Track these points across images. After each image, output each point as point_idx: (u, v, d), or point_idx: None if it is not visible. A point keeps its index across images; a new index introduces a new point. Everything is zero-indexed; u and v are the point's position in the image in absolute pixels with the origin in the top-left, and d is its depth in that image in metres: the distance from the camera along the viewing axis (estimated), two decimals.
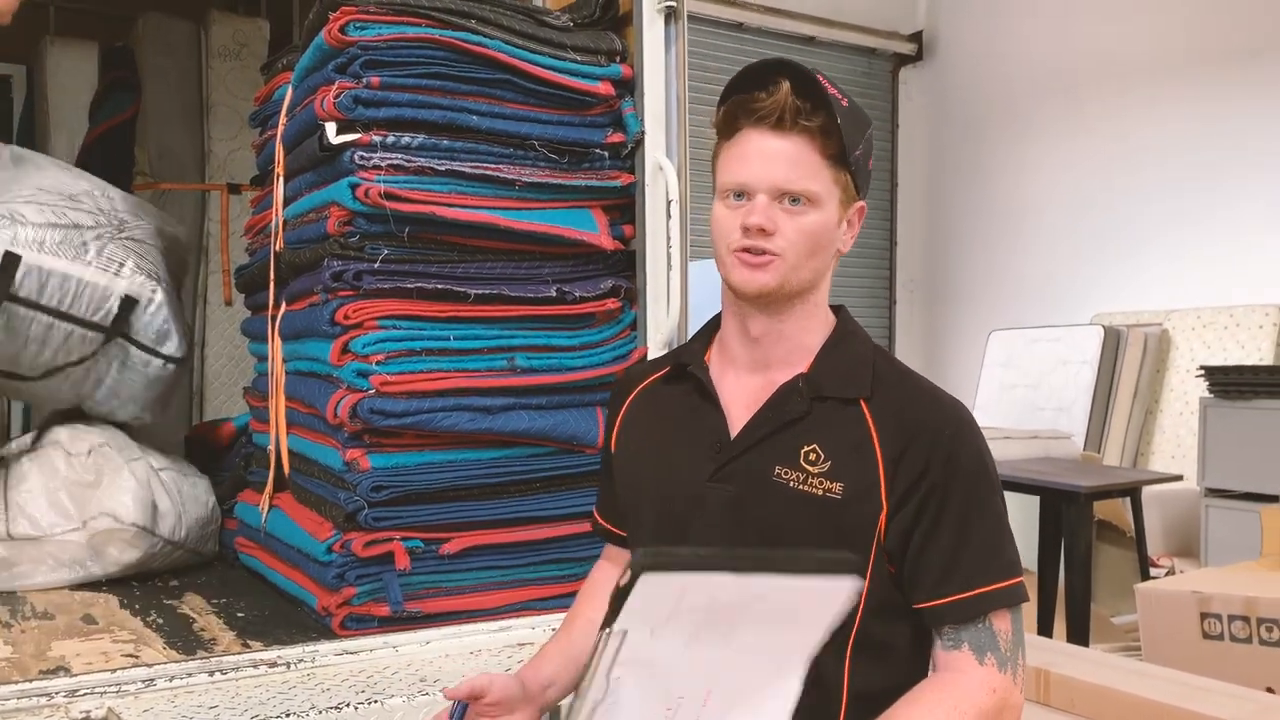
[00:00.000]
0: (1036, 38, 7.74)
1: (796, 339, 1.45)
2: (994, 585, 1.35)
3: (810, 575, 1.09)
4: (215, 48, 4.73)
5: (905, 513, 1.36)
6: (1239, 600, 2.88)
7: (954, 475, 1.36)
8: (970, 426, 1.41)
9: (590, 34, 2.59)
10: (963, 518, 1.36)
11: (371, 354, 2.32)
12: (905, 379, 1.46)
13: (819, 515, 1.36)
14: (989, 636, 1.34)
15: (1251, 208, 6.42)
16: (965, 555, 1.35)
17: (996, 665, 1.34)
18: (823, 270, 1.44)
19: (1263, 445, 4.77)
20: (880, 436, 1.38)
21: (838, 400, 1.41)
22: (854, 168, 1.42)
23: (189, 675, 2.00)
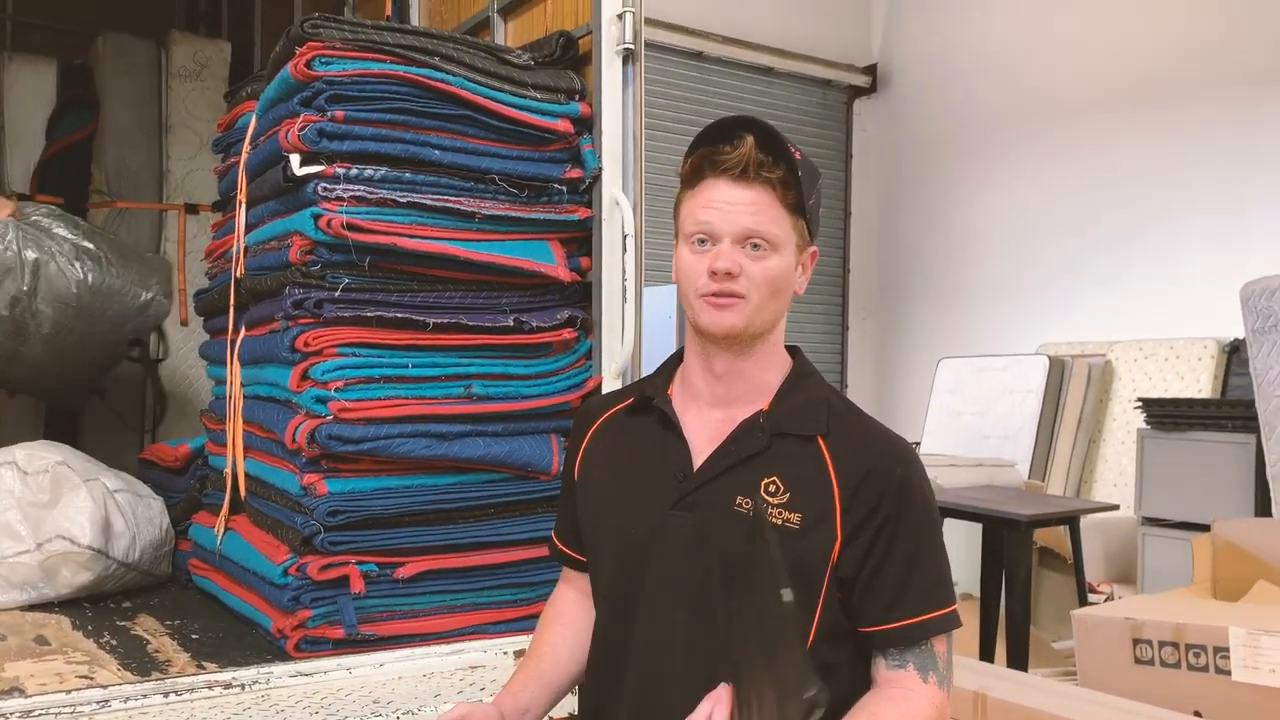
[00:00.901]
0: (987, 72, 7.93)
1: (757, 377, 1.52)
2: (938, 612, 1.46)
3: None
4: (175, 68, 4.75)
5: (859, 543, 1.44)
6: (1169, 627, 2.97)
7: (905, 509, 1.45)
8: (917, 465, 1.50)
9: (550, 73, 2.67)
10: (912, 549, 1.45)
11: (331, 381, 2.36)
12: (858, 418, 1.53)
13: (777, 544, 1.40)
14: (931, 658, 1.46)
15: (1193, 243, 6.62)
16: (913, 584, 1.45)
17: (938, 683, 1.46)
18: (781, 312, 1.52)
19: (1197, 476, 4.93)
20: (836, 471, 1.45)
21: (797, 436, 1.48)
22: (809, 216, 1.51)
23: (144, 696, 2.02)
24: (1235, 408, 4.93)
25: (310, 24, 2.42)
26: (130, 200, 4.54)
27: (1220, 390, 6.18)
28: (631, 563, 1.53)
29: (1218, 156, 6.52)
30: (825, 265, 8.74)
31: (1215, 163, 6.53)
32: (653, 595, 1.50)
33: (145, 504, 2.99)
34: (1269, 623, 2.79)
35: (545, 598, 2.58)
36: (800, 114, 8.66)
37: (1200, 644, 2.92)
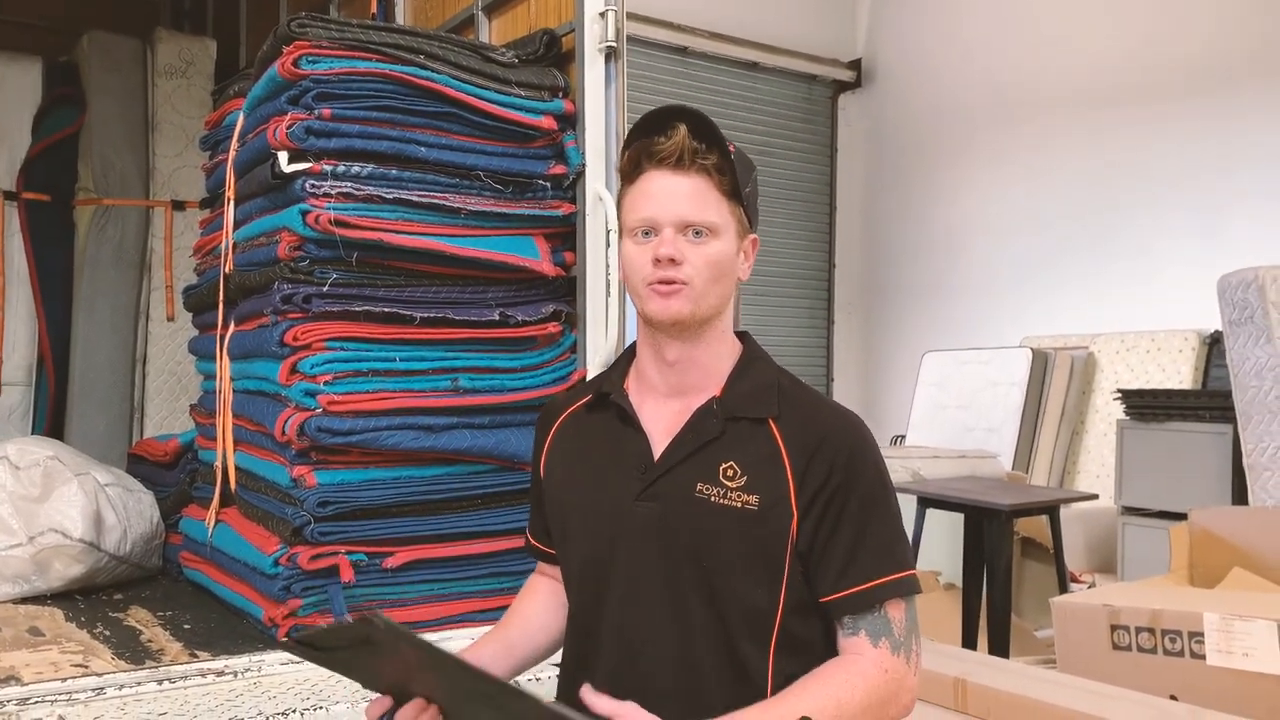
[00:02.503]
0: (971, 67, 7.98)
1: (708, 364, 1.54)
2: (888, 577, 1.46)
3: None
4: (161, 65, 4.76)
5: (811, 517, 1.46)
6: (1145, 613, 3.02)
7: (853, 481, 1.47)
8: (866, 438, 1.53)
9: (534, 70, 2.71)
10: (860, 519, 1.46)
11: (319, 374, 2.40)
12: (807, 398, 1.56)
13: (739, 526, 1.46)
14: (884, 623, 1.46)
15: (1174, 236, 6.67)
16: (862, 552, 1.46)
17: (890, 648, 1.45)
18: (727, 297, 1.54)
19: (1175, 466, 4.99)
20: (788, 451, 1.48)
21: (749, 420, 1.51)
22: (746, 203, 1.54)
23: (138, 684, 2.05)
24: (1213, 398, 4.99)
25: (297, 23, 2.45)
26: (117, 197, 4.55)
27: (1201, 381, 6.24)
28: (599, 556, 1.55)
29: (1198, 150, 6.58)
30: (810, 259, 8.79)
31: (1195, 156, 6.59)
32: (621, 587, 1.53)
33: (136, 497, 3.02)
34: (1243, 608, 2.84)
35: None
36: (785, 109, 8.69)
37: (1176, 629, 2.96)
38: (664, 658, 1.49)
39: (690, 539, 1.48)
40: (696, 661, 1.47)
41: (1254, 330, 4.31)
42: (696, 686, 1.47)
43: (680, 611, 1.48)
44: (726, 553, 1.46)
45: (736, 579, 1.47)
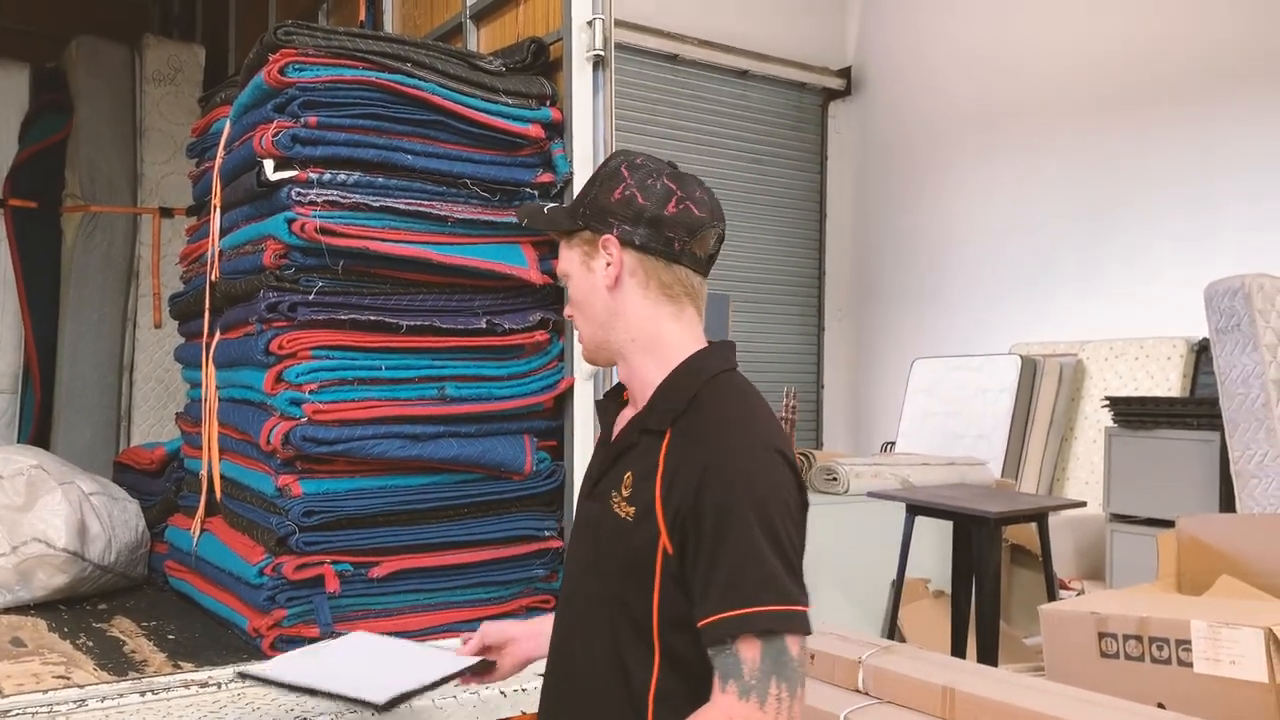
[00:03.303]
0: (960, 75, 8.00)
1: (643, 378, 1.58)
2: (734, 611, 1.37)
3: None
4: (149, 72, 4.75)
5: (675, 539, 1.44)
6: (1133, 620, 3.02)
7: (704, 504, 1.41)
8: (734, 460, 1.44)
9: (522, 78, 2.70)
10: (710, 547, 1.40)
11: (305, 383, 2.39)
12: (708, 412, 1.50)
13: (619, 535, 1.50)
14: (733, 664, 1.37)
15: (1163, 244, 6.70)
16: (713, 583, 1.39)
17: (737, 693, 1.36)
18: (602, 318, 1.58)
19: (1163, 473, 5.00)
20: (664, 466, 1.47)
21: (653, 432, 1.52)
22: (583, 221, 1.58)
23: (121, 696, 2.04)
24: (1200, 406, 5.00)
25: (284, 31, 2.45)
26: (104, 204, 4.54)
27: (1190, 388, 6.26)
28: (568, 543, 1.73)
29: (1186, 158, 6.61)
30: (801, 267, 8.80)
31: (1183, 163, 6.62)
32: (565, 585, 1.66)
33: (121, 507, 3.01)
34: (1230, 615, 2.84)
35: (519, 596, 2.64)
36: (775, 116, 8.71)
37: (1163, 637, 2.96)
38: (578, 649, 1.56)
39: (598, 540, 1.55)
40: (595, 668, 1.52)
41: (1241, 338, 4.33)
42: (592, 693, 1.52)
43: (591, 606, 1.54)
44: (613, 561, 1.51)
45: (620, 588, 1.49)
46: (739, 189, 8.38)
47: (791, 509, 1.45)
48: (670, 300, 1.56)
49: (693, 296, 1.58)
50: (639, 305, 1.55)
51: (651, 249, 1.53)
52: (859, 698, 2.52)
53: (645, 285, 1.55)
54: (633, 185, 1.54)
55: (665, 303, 1.55)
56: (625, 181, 1.55)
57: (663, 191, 1.54)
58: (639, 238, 1.53)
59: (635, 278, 1.55)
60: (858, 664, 2.56)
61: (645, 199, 1.53)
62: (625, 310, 1.56)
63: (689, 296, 1.57)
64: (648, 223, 1.53)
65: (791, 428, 6.43)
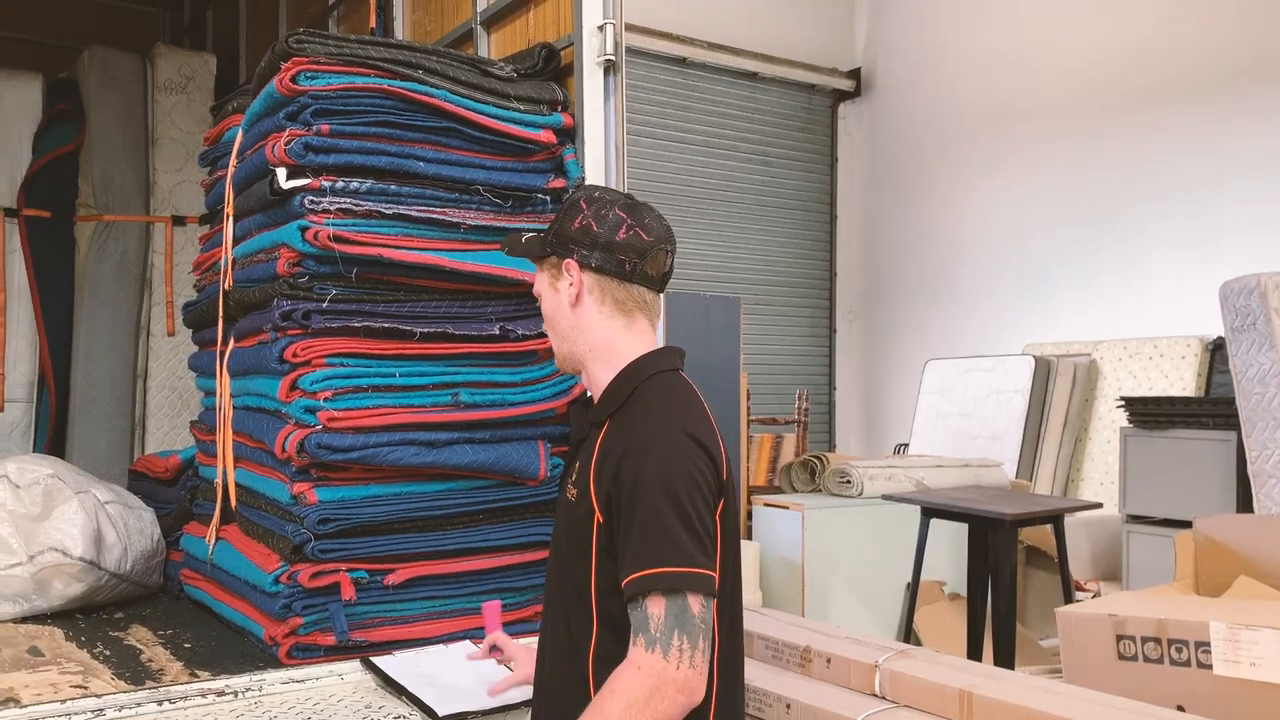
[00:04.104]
0: (970, 76, 7.98)
1: (600, 382, 1.79)
2: (643, 572, 1.56)
3: None
4: (161, 81, 4.77)
5: (606, 514, 1.65)
6: (1151, 622, 3.00)
7: (622, 482, 1.62)
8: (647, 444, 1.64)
9: (533, 84, 2.71)
10: (627, 519, 1.61)
11: (319, 391, 2.39)
12: (639, 405, 1.72)
13: (567, 515, 1.74)
14: (642, 618, 1.56)
15: (1176, 242, 6.67)
16: (627, 549, 1.60)
17: (645, 645, 1.55)
18: (566, 332, 1.80)
19: (1179, 473, 4.97)
20: (598, 451, 1.70)
21: (596, 425, 1.75)
22: (550, 249, 1.79)
23: (138, 705, 2.04)
24: (1216, 405, 4.97)
25: (295, 39, 2.45)
26: (117, 213, 4.56)
27: (1204, 388, 6.23)
28: None
29: (1199, 155, 6.58)
30: (811, 268, 8.79)
31: (1196, 162, 6.59)
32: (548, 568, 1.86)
33: (136, 515, 3.01)
34: (1249, 617, 2.82)
35: (534, 602, 2.63)
36: (785, 118, 8.70)
37: (1182, 639, 2.94)
38: (546, 633, 1.80)
39: (557, 529, 1.80)
40: (557, 637, 1.74)
41: (1256, 337, 4.30)
42: (555, 659, 1.74)
43: (552, 591, 1.80)
44: (565, 538, 1.74)
45: (570, 562, 1.71)
46: (749, 191, 8.38)
47: (700, 486, 1.63)
48: (624, 314, 1.78)
49: (645, 310, 1.80)
50: (595, 319, 1.78)
51: (606, 270, 1.76)
52: (875, 702, 2.51)
53: (601, 301, 1.77)
54: (589, 215, 1.77)
55: (619, 316, 1.78)
56: (583, 212, 1.77)
57: (615, 220, 1.76)
58: (595, 260, 1.76)
59: (593, 295, 1.77)
60: (874, 668, 2.55)
61: (599, 227, 1.76)
62: (584, 324, 1.78)
63: (641, 310, 1.79)
64: (602, 248, 1.75)
65: (804, 430, 6.42)
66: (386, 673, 2.25)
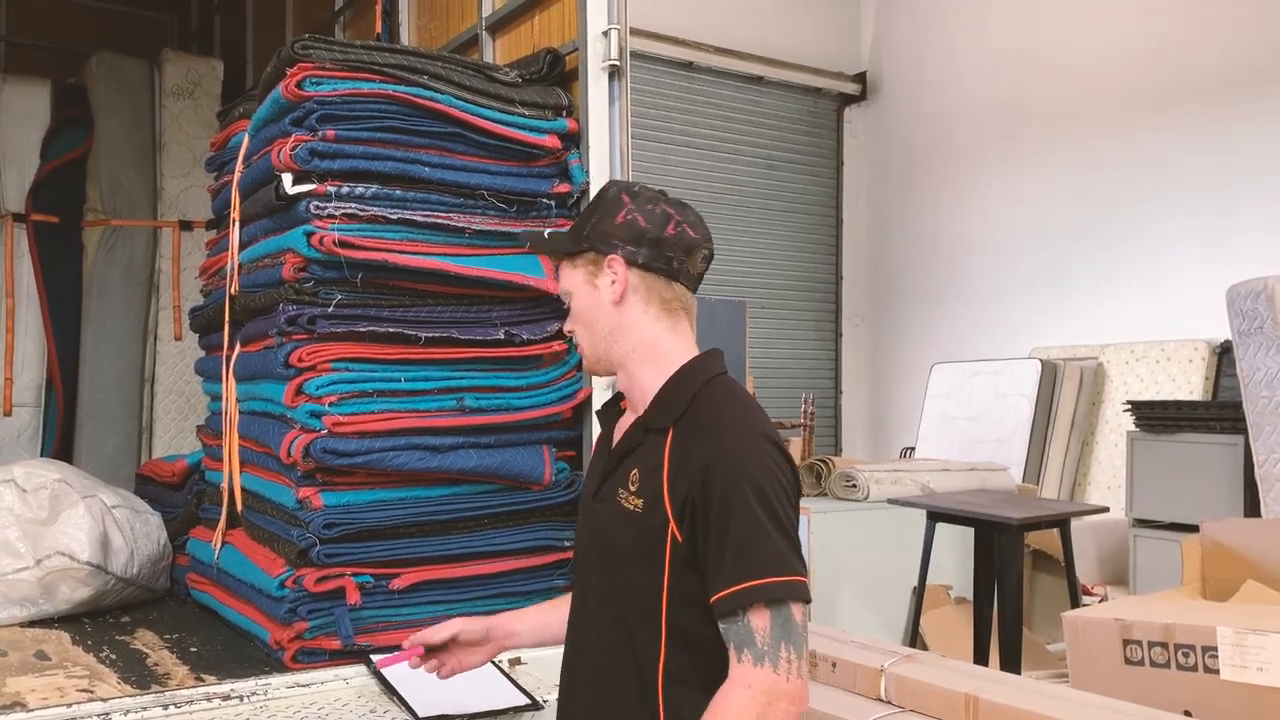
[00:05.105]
0: (975, 79, 7.98)
1: (642, 386, 1.70)
2: (744, 584, 1.49)
3: None
4: (168, 86, 4.79)
5: (684, 525, 1.57)
6: (1158, 627, 3.00)
7: (709, 491, 1.54)
8: (733, 450, 1.57)
9: (538, 89, 2.71)
10: (718, 529, 1.53)
11: (324, 395, 2.40)
12: (708, 410, 1.64)
13: (629, 526, 1.63)
14: (746, 633, 1.49)
15: (1183, 246, 6.66)
16: (722, 560, 1.52)
17: (752, 660, 1.48)
18: (606, 332, 1.70)
19: (1186, 478, 4.96)
20: (669, 458, 1.61)
21: (656, 431, 1.65)
22: (588, 244, 1.70)
23: (144, 709, 2.05)
24: (1223, 409, 4.96)
25: (301, 45, 2.46)
26: (125, 218, 4.57)
27: (1211, 391, 6.21)
28: (576, 548, 1.82)
29: (1205, 159, 6.57)
30: (817, 272, 8.79)
31: (1203, 165, 6.57)
32: (579, 580, 1.77)
33: (143, 519, 3.02)
34: (1256, 621, 2.81)
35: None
36: (791, 122, 8.71)
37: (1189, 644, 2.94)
38: (590, 644, 1.69)
39: (606, 537, 1.68)
40: (607, 653, 1.64)
41: (1264, 340, 4.29)
42: (607, 678, 1.64)
43: (600, 603, 1.68)
44: (624, 551, 1.63)
45: (631, 575, 1.62)
46: (755, 195, 8.38)
47: (786, 489, 1.58)
48: (669, 315, 1.70)
49: (688, 311, 1.73)
50: (641, 319, 1.69)
51: (654, 267, 1.68)
52: (881, 706, 2.51)
53: (647, 301, 1.69)
54: (635, 210, 1.68)
55: (665, 317, 1.70)
56: (627, 207, 1.69)
57: (662, 216, 1.68)
58: (642, 257, 1.67)
59: (638, 294, 1.68)
60: (880, 672, 2.55)
61: (647, 222, 1.67)
62: (628, 324, 1.69)
63: (685, 311, 1.72)
64: (650, 244, 1.67)
65: (810, 434, 6.42)
66: (380, 671, 2.25)
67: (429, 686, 2.12)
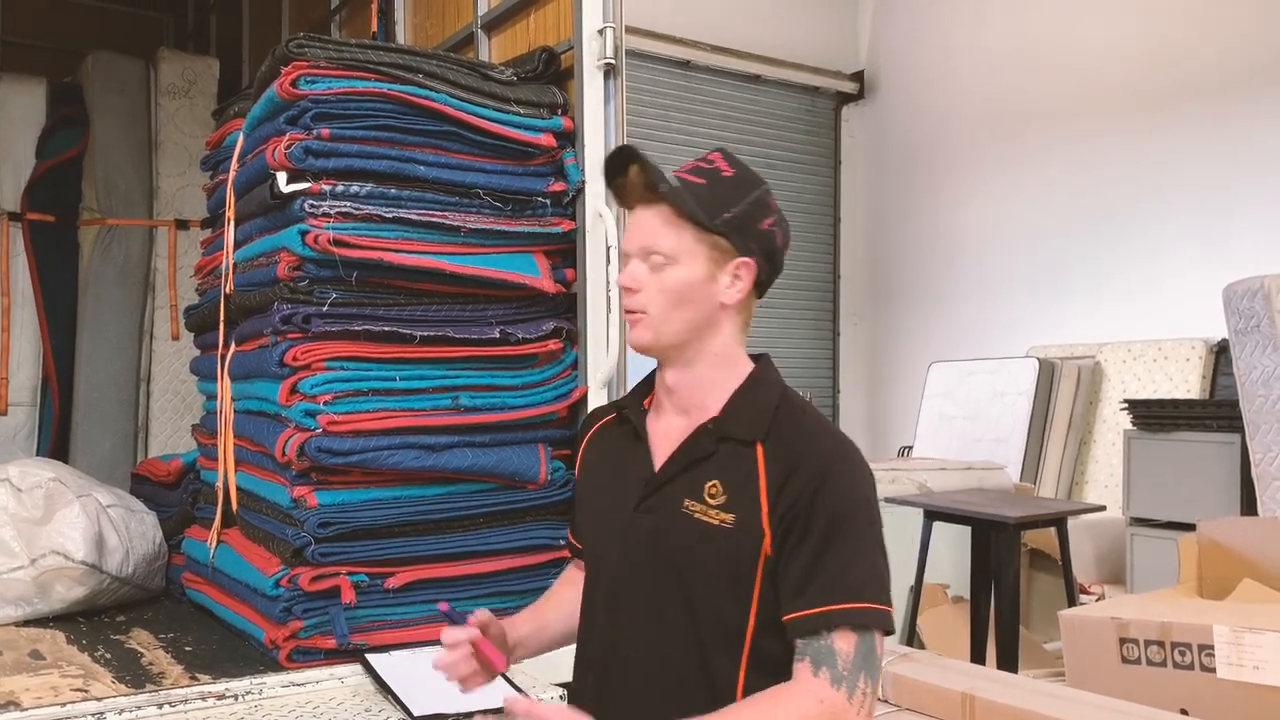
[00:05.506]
0: (973, 78, 7.97)
1: (707, 386, 1.59)
2: (837, 605, 1.44)
3: None
4: (164, 85, 4.78)
5: (778, 538, 1.49)
6: (1154, 625, 3.00)
7: (819, 505, 1.48)
8: (844, 465, 1.53)
9: (533, 88, 2.71)
10: (821, 545, 1.47)
11: (319, 394, 2.39)
12: (800, 422, 1.57)
13: (715, 543, 1.51)
14: (828, 653, 1.43)
15: (1181, 245, 6.65)
16: (816, 577, 1.46)
17: (830, 680, 1.42)
18: (700, 321, 1.57)
19: (1183, 476, 4.96)
20: (767, 473, 1.51)
21: (738, 441, 1.55)
22: (725, 228, 1.54)
23: (138, 708, 2.05)
24: (1220, 408, 4.96)
25: (295, 44, 2.45)
26: (121, 217, 4.56)
27: (1209, 390, 6.21)
28: (602, 561, 1.65)
29: (1203, 158, 6.56)
30: (815, 271, 8.78)
31: (1201, 164, 6.57)
32: (614, 592, 1.61)
33: (138, 519, 3.01)
34: (1253, 620, 2.82)
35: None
36: (788, 121, 8.70)
37: (1185, 642, 2.94)
38: (641, 663, 1.56)
39: (673, 552, 1.54)
40: (670, 670, 1.53)
41: (1260, 339, 4.29)
42: (668, 694, 1.52)
43: (659, 620, 1.54)
44: (702, 568, 1.52)
45: (710, 593, 1.51)
46: None
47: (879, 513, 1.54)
48: (746, 329, 1.63)
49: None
50: (731, 327, 1.60)
51: (762, 286, 1.61)
52: (878, 705, 2.51)
53: (743, 312, 1.61)
54: (776, 223, 1.59)
55: (744, 330, 1.63)
56: (772, 216, 1.59)
57: (785, 235, 1.61)
58: (763, 275, 1.59)
59: (743, 306, 1.60)
60: None
61: (780, 241, 1.60)
62: (721, 327, 1.59)
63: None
64: (771, 262, 1.59)
65: None
66: (375, 669, 2.25)
67: (424, 685, 2.12)
